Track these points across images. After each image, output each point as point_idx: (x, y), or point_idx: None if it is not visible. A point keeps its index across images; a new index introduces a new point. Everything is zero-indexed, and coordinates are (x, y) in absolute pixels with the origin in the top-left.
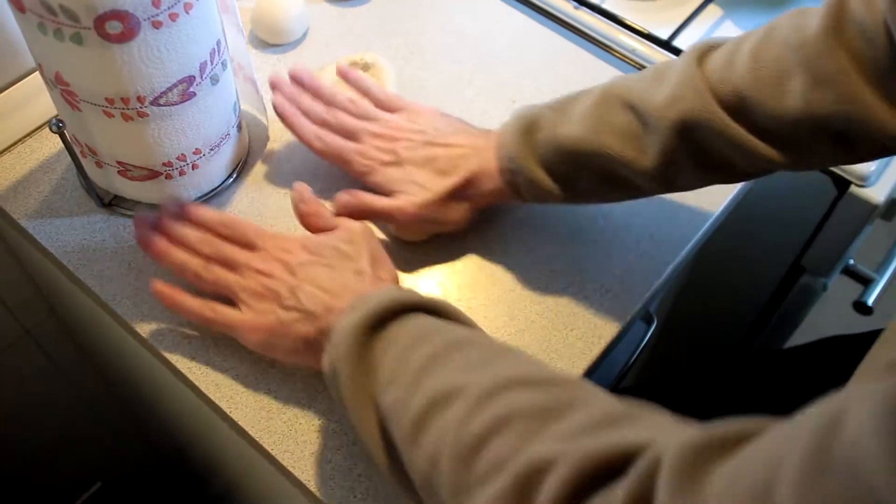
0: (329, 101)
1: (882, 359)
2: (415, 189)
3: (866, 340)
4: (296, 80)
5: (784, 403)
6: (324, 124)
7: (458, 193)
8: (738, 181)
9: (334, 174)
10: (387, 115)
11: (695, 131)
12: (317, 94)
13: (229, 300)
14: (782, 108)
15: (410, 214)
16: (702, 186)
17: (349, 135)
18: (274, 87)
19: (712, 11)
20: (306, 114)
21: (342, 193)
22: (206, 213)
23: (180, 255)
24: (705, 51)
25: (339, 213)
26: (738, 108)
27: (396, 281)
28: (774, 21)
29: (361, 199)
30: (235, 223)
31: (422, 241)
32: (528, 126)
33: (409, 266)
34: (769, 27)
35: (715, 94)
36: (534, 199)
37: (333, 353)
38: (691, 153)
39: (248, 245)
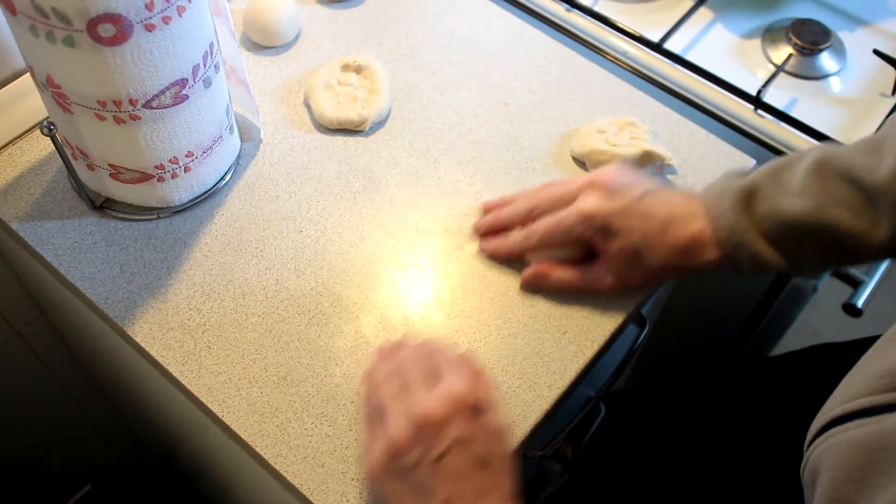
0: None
1: (874, 368)
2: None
3: (855, 348)
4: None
5: (774, 409)
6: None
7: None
8: None
9: (325, 177)
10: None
11: None
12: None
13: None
14: None
15: (613, 293)
16: None
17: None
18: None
19: (703, 14)
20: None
21: (542, 267)
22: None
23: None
24: None
25: (535, 277)
26: None
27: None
28: None
29: (563, 278)
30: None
31: (416, 244)
32: (747, 197)
33: (403, 269)
34: None
35: None
36: (753, 272)
37: None
38: None
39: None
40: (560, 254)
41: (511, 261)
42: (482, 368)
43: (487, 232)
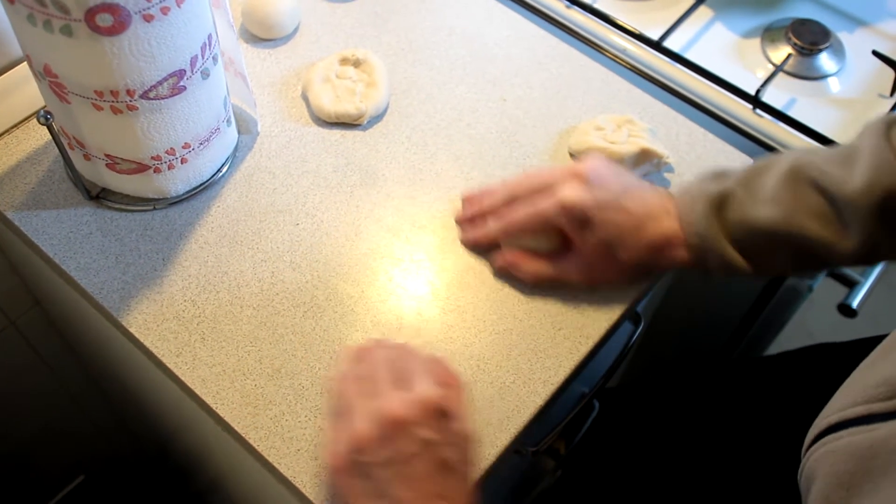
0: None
1: (871, 377)
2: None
3: (851, 349)
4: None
5: (768, 409)
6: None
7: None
8: None
9: (322, 170)
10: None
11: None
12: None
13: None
14: None
15: (583, 285)
16: None
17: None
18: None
19: (703, 13)
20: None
21: (513, 256)
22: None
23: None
24: (889, 127)
25: (507, 266)
26: None
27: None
28: None
29: (535, 269)
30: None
31: (412, 238)
32: (719, 203)
33: (399, 263)
34: None
35: None
36: (722, 275)
37: None
38: (893, 232)
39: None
40: (535, 244)
41: (591, 286)
42: (456, 375)
43: (468, 221)
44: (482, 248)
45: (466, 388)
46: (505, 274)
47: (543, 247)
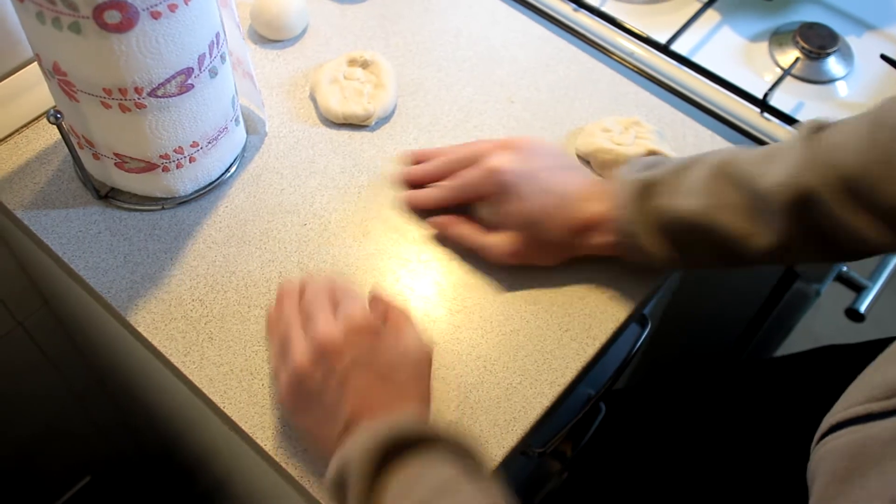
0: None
1: (876, 378)
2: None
3: (858, 351)
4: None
5: (775, 411)
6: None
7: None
8: (849, 260)
9: (330, 171)
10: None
11: (811, 212)
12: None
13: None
14: None
15: (506, 260)
16: (815, 262)
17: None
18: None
19: (711, 16)
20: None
21: (444, 218)
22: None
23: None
24: (815, 130)
25: (435, 228)
26: (854, 189)
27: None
28: (886, 105)
29: (460, 232)
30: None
31: (419, 239)
32: (646, 190)
33: (407, 264)
34: (879, 111)
35: (829, 175)
36: (640, 261)
37: (344, 461)
38: (807, 233)
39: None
40: (481, 211)
41: (514, 263)
42: (392, 299)
43: (409, 184)
44: (416, 210)
45: (406, 307)
46: (443, 239)
47: (484, 214)
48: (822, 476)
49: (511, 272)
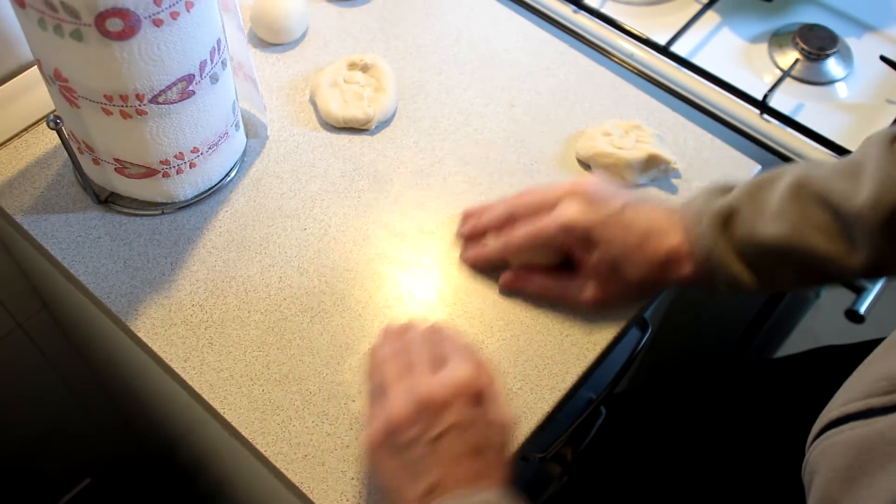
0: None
1: (873, 372)
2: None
3: (857, 351)
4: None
5: (775, 412)
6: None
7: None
8: None
9: (330, 175)
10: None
11: None
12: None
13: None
14: None
15: (593, 308)
16: None
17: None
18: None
19: (711, 18)
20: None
21: (515, 275)
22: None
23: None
24: (892, 141)
25: (509, 288)
26: None
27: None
28: None
29: (541, 285)
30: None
31: (420, 243)
32: (725, 219)
33: (407, 268)
34: None
35: None
36: (728, 291)
37: None
38: None
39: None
40: (539, 258)
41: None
42: (486, 360)
43: (467, 238)
44: (481, 269)
45: (497, 375)
46: (511, 290)
47: (544, 261)
48: (823, 473)
49: None
